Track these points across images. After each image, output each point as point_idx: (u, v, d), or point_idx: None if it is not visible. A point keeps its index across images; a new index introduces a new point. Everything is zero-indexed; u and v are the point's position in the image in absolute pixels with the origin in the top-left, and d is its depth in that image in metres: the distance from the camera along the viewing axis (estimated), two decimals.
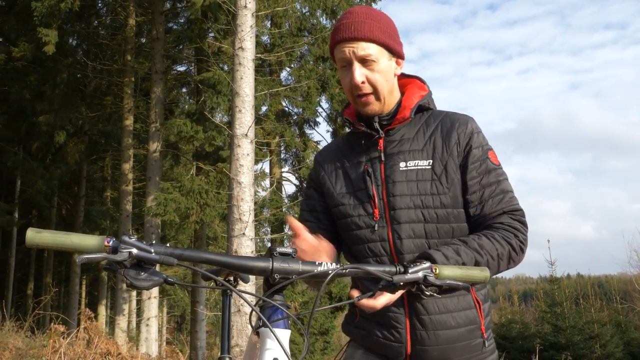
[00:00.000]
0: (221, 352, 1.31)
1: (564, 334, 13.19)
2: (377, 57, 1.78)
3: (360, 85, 1.78)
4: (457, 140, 1.80)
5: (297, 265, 1.29)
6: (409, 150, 1.83)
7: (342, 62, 1.82)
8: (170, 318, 32.62)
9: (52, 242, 1.14)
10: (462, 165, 1.79)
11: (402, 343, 1.78)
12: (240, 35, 8.86)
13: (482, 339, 1.80)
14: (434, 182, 1.77)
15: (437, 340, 1.75)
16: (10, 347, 8.62)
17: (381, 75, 1.79)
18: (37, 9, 12.12)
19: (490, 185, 1.78)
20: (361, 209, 1.85)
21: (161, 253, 1.18)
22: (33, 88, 16.37)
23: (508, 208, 1.77)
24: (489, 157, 1.81)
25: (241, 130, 8.71)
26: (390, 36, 1.81)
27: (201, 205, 12.19)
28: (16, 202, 20.12)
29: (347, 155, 1.96)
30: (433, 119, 1.88)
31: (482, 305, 1.82)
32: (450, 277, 1.40)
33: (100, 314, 20.19)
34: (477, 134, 1.83)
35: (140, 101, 16.37)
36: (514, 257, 1.73)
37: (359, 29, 1.77)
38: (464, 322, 1.77)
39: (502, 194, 1.78)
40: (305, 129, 17.04)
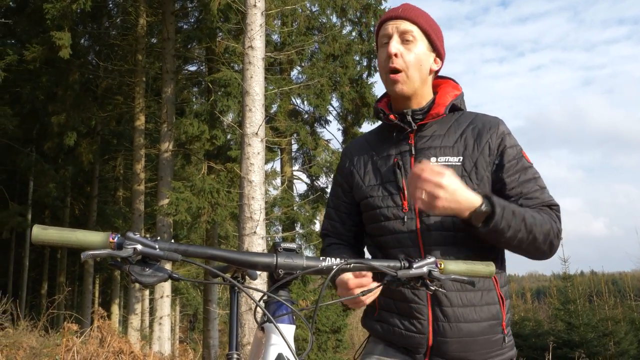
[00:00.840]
0: (229, 349, 1.31)
1: (578, 331, 13.11)
2: (416, 38, 1.86)
3: (393, 56, 1.84)
4: (490, 140, 1.83)
5: (302, 261, 1.29)
6: (440, 147, 1.85)
7: (383, 39, 1.89)
8: (183, 317, 32.78)
9: (58, 238, 1.14)
10: (498, 164, 1.82)
11: (424, 334, 1.79)
12: (250, 34, 8.88)
13: (503, 335, 1.82)
14: (463, 178, 1.78)
15: (459, 333, 1.76)
16: (25, 346, 8.70)
17: (416, 58, 1.85)
18: (49, 11, 12.20)
19: (529, 181, 1.81)
20: (390, 200, 1.87)
21: (165, 249, 1.19)
22: (45, 89, 16.49)
23: (548, 202, 1.81)
24: (523, 156, 1.85)
25: (251, 129, 8.73)
26: (434, 30, 1.90)
27: (212, 205, 12.23)
28: (29, 203, 20.30)
29: (376, 148, 1.99)
30: (464, 118, 1.91)
31: (505, 302, 1.84)
32: (455, 272, 1.40)
33: (113, 313, 20.34)
34: (509, 134, 1.87)
35: (151, 101, 16.45)
36: (552, 238, 1.75)
37: (406, 11, 1.88)
38: (487, 317, 1.78)
39: (541, 190, 1.82)
40: (316, 128, 17.06)
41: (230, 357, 1.27)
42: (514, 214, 1.67)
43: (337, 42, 15.27)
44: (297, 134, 16.14)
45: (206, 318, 16.03)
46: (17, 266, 22.49)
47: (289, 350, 1.25)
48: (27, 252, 21.92)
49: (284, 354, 1.26)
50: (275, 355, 1.26)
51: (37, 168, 18.00)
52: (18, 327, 9.97)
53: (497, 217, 1.63)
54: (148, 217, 17.55)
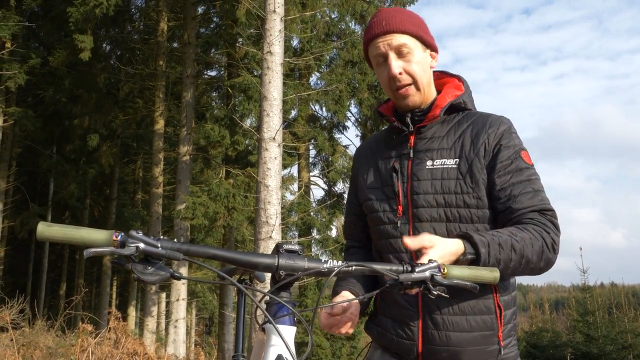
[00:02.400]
0: (235, 351, 1.32)
1: (596, 343, 12.93)
2: (412, 48, 1.80)
3: (398, 76, 1.80)
4: (486, 140, 1.78)
5: (303, 262, 1.29)
6: (437, 149, 1.82)
7: (378, 58, 1.84)
8: (199, 320, 32.93)
9: (62, 235, 1.15)
10: (491, 164, 1.76)
11: (414, 341, 1.76)
12: (269, 40, 8.91)
13: (498, 347, 1.75)
14: (458, 181, 1.76)
15: (448, 342, 1.72)
16: (41, 346, 8.80)
17: (418, 66, 1.81)
18: (73, 14, 12.37)
19: (521, 183, 1.74)
20: (386, 204, 1.86)
21: (168, 248, 1.19)
22: (67, 92, 16.71)
23: (539, 206, 1.72)
24: (521, 156, 1.77)
25: (269, 134, 8.75)
26: (421, 28, 1.84)
27: (229, 209, 12.28)
28: (49, 204, 20.56)
29: (380, 150, 1.98)
30: (467, 119, 1.86)
31: (503, 312, 1.76)
32: (458, 277, 1.38)
33: (130, 315, 20.47)
34: (510, 134, 1.80)
35: (171, 105, 16.60)
36: (547, 254, 1.67)
37: (390, 22, 1.80)
38: (479, 327, 1.73)
39: (533, 192, 1.74)
40: (334, 134, 17.07)
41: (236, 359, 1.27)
42: (501, 247, 1.60)
43: (356, 49, 15.27)
44: (314, 139, 16.17)
45: (222, 322, 16.09)
46: (36, 267, 22.78)
47: (288, 352, 1.25)
48: (46, 253, 22.21)
49: (283, 355, 1.26)
50: (275, 356, 1.26)
51: (58, 169, 18.22)
52: (35, 327, 10.08)
53: (483, 258, 1.57)
54: (166, 220, 17.67)
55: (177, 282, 13.79)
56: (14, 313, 9.71)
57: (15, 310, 9.94)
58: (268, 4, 9.01)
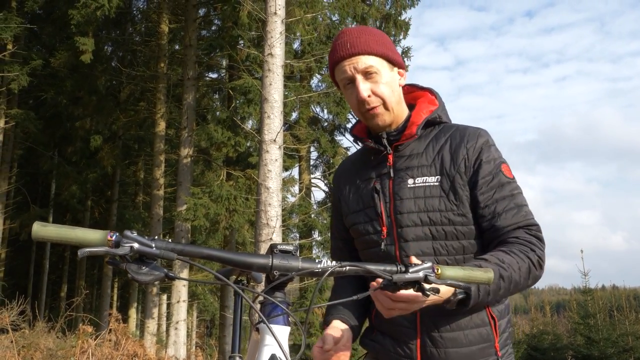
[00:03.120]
0: (232, 351, 1.33)
1: (597, 346, 12.90)
2: (379, 69, 1.76)
3: (367, 99, 1.76)
4: (466, 156, 1.75)
5: (297, 263, 1.29)
6: (417, 166, 1.79)
7: (345, 81, 1.80)
8: (200, 322, 32.91)
9: (57, 235, 1.15)
10: (473, 180, 1.74)
11: (413, 359, 1.76)
12: (270, 42, 8.93)
13: (496, 357, 1.75)
14: (441, 199, 1.74)
15: (447, 358, 1.72)
16: (42, 348, 8.80)
17: (386, 87, 1.77)
18: (74, 17, 12.40)
19: (504, 199, 1.72)
20: (370, 226, 1.84)
21: (162, 248, 1.19)
22: (69, 93, 16.74)
23: (523, 222, 1.70)
24: (502, 171, 1.75)
25: (270, 136, 8.75)
26: (387, 47, 1.79)
27: (230, 211, 12.29)
28: (51, 205, 20.58)
29: (359, 171, 1.94)
30: (444, 133, 1.83)
31: (497, 322, 1.77)
32: (452, 278, 1.37)
33: (131, 317, 20.48)
34: (488, 147, 1.77)
35: (172, 107, 16.62)
36: (533, 272, 1.66)
37: (355, 44, 1.75)
38: (476, 340, 1.74)
39: (517, 208, 1.72)
40: (335, 136, 17.09)
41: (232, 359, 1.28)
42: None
43: None
44: (316, 141, 16.17)
45: (222, 324, 16.08)
46: (37, 268, 22.80)
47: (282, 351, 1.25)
48: (47, 255, 22.23)
49: (277, 355, 1.26)
50: (268, 356, 1.27)
51: (60, 171, 18.24)
52: (35, 329, 10.08)
53: (473, 296, 1.56)
54: (167, 222, 17.68)
55: (178, 284, 13.79)
56: (14, 315, 9.71)
57: (16, 312, 9.94)
58: (269, 6, 9.03)
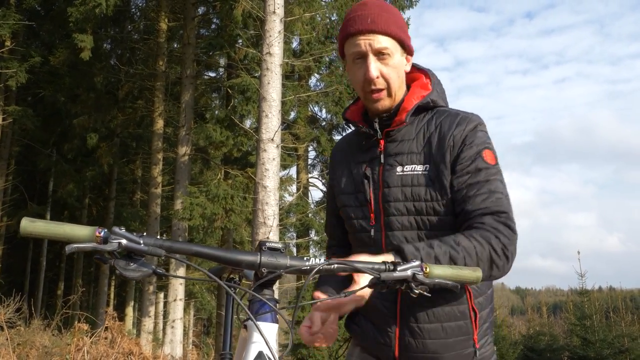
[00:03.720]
0: (222, 349, 1.33)
1: (593, 347, 12.92)
2: (392, 52, 1.73)
3: (375, 79, 1.72)
4: (452, 142, 1.71)
5: (285, 260, 1.29)
6: (407, 153, 1.76)
7: (356, 56, 1.75)
8: (197, 321, 32.91)
9: (45, 231, 1.16)
10: (452, 166, 1.70)
11: (391, 347, 1.77)
12: (269, 41, 8.92)
13: (474, 349, 1.75)
14: (428, 188, 1.71)
15: (424, 349, 1.73)
16: (38, 345, 8.80)
17: (394, 71, 1.75)
18: (73, 14, 12.39)
19: (478, 183, 1.67)
20: (359, 211, 1.83)
21: (150, 244, 1.20)
22: (67, 91, 16.72)
23: (493, 209, 1.64)
24: (481, 156, 1.69)
25: (267, 135, 8.75)
26: (403, 31, 1.76)
27: (226, 211, 12.28)
28: (48, 203, 20.56)
29: (353, 153, 1.92)
30: (436, 118, 1.79)
31: (478, 314, 1.75)
32: (440, 276, 1.37)
33: (127, 315, 20.45)
34: (475, 132, 1.73)
35: (170, 105, 16.61)
36: (496, 260, 1.58)
37: (376, 21, 1.70)
38: (454, 333, 1.73)
39: (489, 194, 1.66)
40: (334, 135, 17.10)
41: (224, 357, 1.30)
42: (437, 260, 1.53)
43: None
44: (315, 141, 16.17)
45: (219, 323, 16.09)
46: (34, 266, 22.79)
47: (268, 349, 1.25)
48: (44, 253, 22.19)
49: (264, 352, 1.26)
50: (256, 353, 1.26)
51: (58, 169, 18.23)
52: (30, 326, 10.07)
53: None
54: (164, 221, 17.67)
55: (175, 282, 13.78)
56: (10, 312, 9.70)
57: (12, 309, 9.93)
58: (268, 5, 9.02)
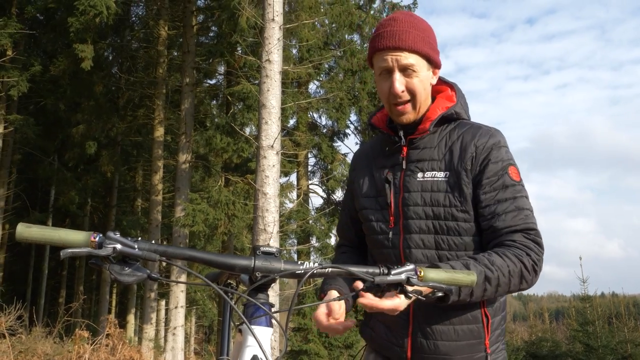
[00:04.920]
0: (220, 353, 1.35)
1: (596, 353, 12.84)
2: (418, 68, 1.77)
3: (400, 93, 1.77)
4: (474, 154, 1.76)
5: (279, 264, 1.30)
6: (428, 160, 1.82)
7: (383, 70, 1.80)
8: (198, 328, 32.84)
9: (41, 236, 1.17)
10: (477, 179, 1.75)
11: (403, 348, 1.79)
12: (268, 48, 8.97)
13: (485, 354, 1.78)
14: (447, 195, 1.76)
15: (436, 350, 1.75)
16: (39, 353, 8.81)
17: (420, 85, 1.79)
18: (73, 24, 12.43)
19: (506, 200, 1.72)
20: (379, 214, 1.88)
21: (144, 249, 1.21)
22: (68, 100, 16.78)
23: (522, 226, 1.71)
24: (508, 173, 1.75)
25: (267, 142, 8.78)
26: (431, 47, 1.81)
27: (229, 216, 12.30)
28: (50, 211, 20.57)
29: (376, 158, 1.98)
30: (458, 129, 1.85)
31: (490, 320, 1.79)
32: (435, 280, 1.38)
33: (129, 322, 20.42)
34: (499, 148, 1.78)
35: (170, 113, 16.66)
36: (526, 276, 1.66)
37: (403, 38, 1.75)
38: (466, 336, 1.76)
39: (517, 211, 1.72)
40: (334, 142, 17.13)
41: None
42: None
43: (355, 58, 15.32)
44: (316, 147, 16.20)
45: (220, 330, 16.06)
46: (36, 274, 22.76)
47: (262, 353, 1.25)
48: (46, 260, 22.19)
49: (258, 356, 1.27)
50: (250, 357, 1.28)
51: (59, 177, 18.25)
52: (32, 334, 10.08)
53: (452, 297, 1.58)
54: (165, 228, 17.68)
55: (176, 289, 13.78)
56: (11, 320, 9.71)
57: (13, 317, 9.94)
58: (267, 12, 9.07)
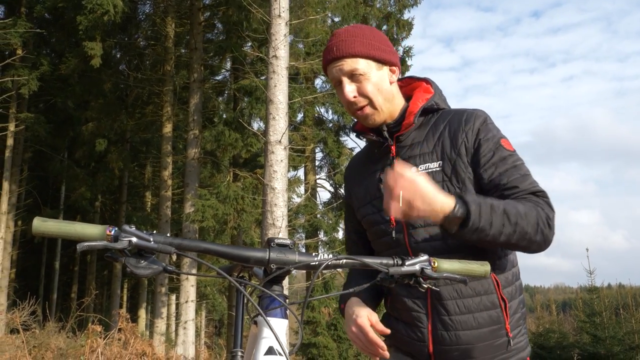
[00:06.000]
0: (233, 346, 1.32)
1: (604, 344, 12.85)
2: (365, 70, 1.80)
3: (352, 100, 1.81)
4: (465, 138, 1.79)
5: (294, 256, 1.31)
6: (419, 154, 1.83)
7: (335, 83, 1.86)
8: (208, 322, 33.05)
9: (57, 230, 1.18)
10: (475, 160, 1.77)
11: (424, 342, 1.80)
12: (274, 44, 9.01)
13: (507, 338, 1.78)
14: (445, 183, 1.77)
15: (458, 341, 1.75)
16: (52, 347, 8.91)
17: (373, 86, 1.81)
18: (82, 22, 12.56)
19: (508, 170, 1.74)
20: (379, 216, 1.88)
21: (160, 242, 1.22)
22: (78, 98, 16.92)
23: (532, 189, 1.73)
24: (501, 145, 1.78)
25: (275, 137, 8.83)
26: (374, 47, 1.83)
27: (238, 211, 12.40)
28: (61, 208, 20.77)
29: (366, 165, 2.00)
30: (442, 119, 1.87)
31: (508, 304, 1.80)
32: (448, 271, 1.41)
33: (140, 317, 20.61)
34: (486, 126, 1.80)
35: (178, 109, 16.76)
36: (541, 226, 1.66)
37: (340, 48, 1.80)
38: (486, 323, 1.76)
39: (522, 176, 1.74)
40: (340, 136, 17.16)
41: (234, 355, 1.28)
42: (492, 209, 1.60)
43: None
44: (322, 142, 16.26)
45: (230, 323, 16.18)
46: (48, 270, 23.01)
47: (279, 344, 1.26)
48: (58, 257, 22.41)
49: (274, 347, 1.27)
50: (266, 348, 1.28)
51: (70, 174, 18.42)
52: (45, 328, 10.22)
53: (473, 216, 1.57)
54: (175, 223, 17.82)
55: (186, 284, 13.91)
56: (25, 315, 9.84)
57: (27, 313, 10.07)
58: (273, 8, 9.12)
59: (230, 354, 1.27)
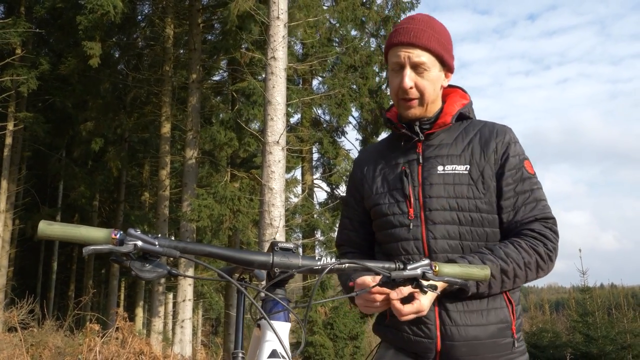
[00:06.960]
0: (234, 348, 1.32)
1: (596, 343, 12.99)
2: (430, 66, 1.84)
3: (408, 89, 1.84)
4: (495, 149, 1.85)
5: (297, 260, 1.32)
6: (447, 155, 1.87)
7: (395, 65, 1.87)
8: (205, 321, 33.09)
9: (62, 233, 1.18)
10: (499, 172, 1.83)
11: (432, 339, 1.79)
12: (273, 46, 9.07)
13: (512, 339, 1.81)
14: (470, 187, 1.82)
15: (466, 336, 1.76)
16: (50, 346, 8.93)
17: (430, 84, 1.85)
18: (82, 22, 12.61)
19: (524, 192, 1.82)
20: (396, 207, 1.89)
21: (165, 245, 1.23)
22: (77, 97, 16.96)
23: (540, 215, 1.80)
24: (524, 166, 1.85)
25: (273, 138, 8.89)
26: (445, 49, 1.87)
27: (234, 212, 12.45)
28: (59, 206, 20.80)
29: (385, 156, 2.01)
30: (472, 127, 1.93)
31: (514, 306, 1.84)
32: (449, 275, 1.42)
33: (137, 316, 20.64)
34: (515, 143, 1.88)
35: (177, 110, 16.81)
36: (542, 265, 1.77)
37: (418, 36, 1.82)
38: (495, 320, 1.79)
39: (536, 202, 1.82)
40: (335, 137, 17.22)
41: (235, 356, 1.28)
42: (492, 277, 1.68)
43: (358, 54, 15.43)
44: (319, 143, 16.33)
45: (227, 322, 16.27)
46: (45, 268, 23.03)
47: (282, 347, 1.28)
48: (55, 255, 22.46)
49: (278, 351, 1.28)
50: (269, 352, 1.29)
51: (68, 173, 18.46)
52: (43, 327, 10.25)
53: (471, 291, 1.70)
54: (173, 223, 17.88)
55: (184, 283, 13.98)
56: (23, 313, 9.86)
57: (25, 311, 10.09)
58: (272, 10, 9.17)
59: (232, 355, 1.28)
